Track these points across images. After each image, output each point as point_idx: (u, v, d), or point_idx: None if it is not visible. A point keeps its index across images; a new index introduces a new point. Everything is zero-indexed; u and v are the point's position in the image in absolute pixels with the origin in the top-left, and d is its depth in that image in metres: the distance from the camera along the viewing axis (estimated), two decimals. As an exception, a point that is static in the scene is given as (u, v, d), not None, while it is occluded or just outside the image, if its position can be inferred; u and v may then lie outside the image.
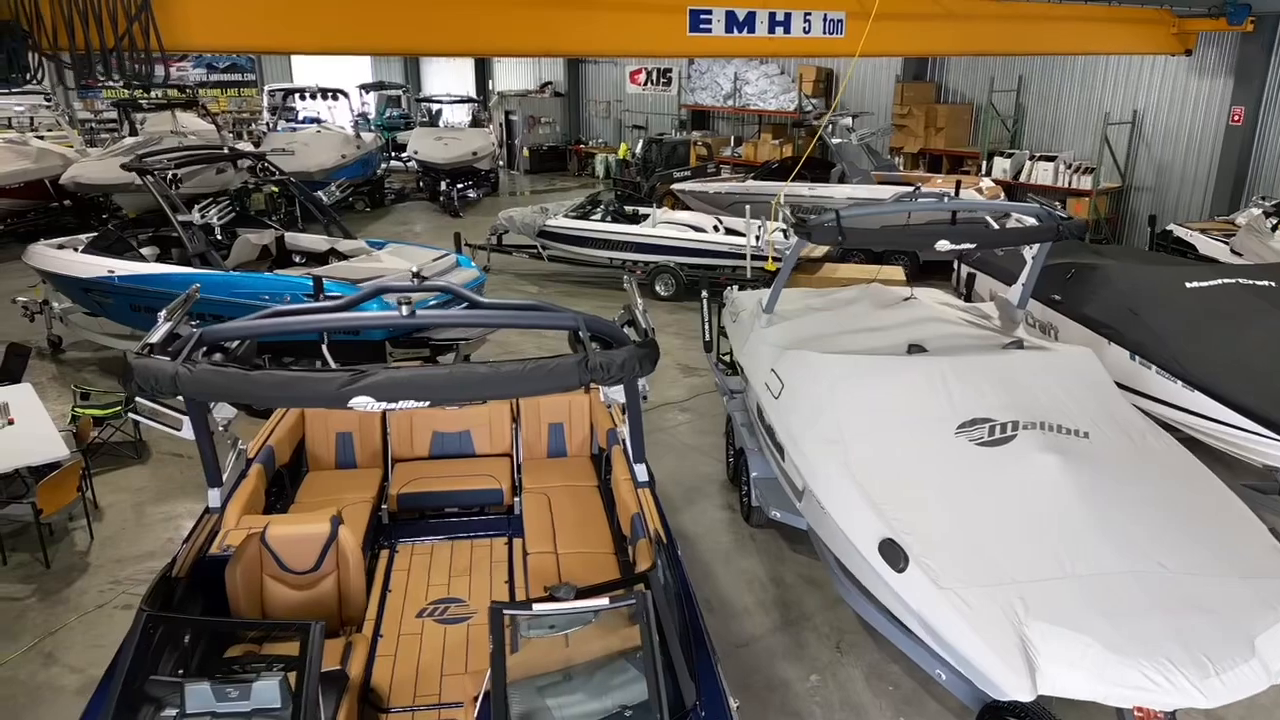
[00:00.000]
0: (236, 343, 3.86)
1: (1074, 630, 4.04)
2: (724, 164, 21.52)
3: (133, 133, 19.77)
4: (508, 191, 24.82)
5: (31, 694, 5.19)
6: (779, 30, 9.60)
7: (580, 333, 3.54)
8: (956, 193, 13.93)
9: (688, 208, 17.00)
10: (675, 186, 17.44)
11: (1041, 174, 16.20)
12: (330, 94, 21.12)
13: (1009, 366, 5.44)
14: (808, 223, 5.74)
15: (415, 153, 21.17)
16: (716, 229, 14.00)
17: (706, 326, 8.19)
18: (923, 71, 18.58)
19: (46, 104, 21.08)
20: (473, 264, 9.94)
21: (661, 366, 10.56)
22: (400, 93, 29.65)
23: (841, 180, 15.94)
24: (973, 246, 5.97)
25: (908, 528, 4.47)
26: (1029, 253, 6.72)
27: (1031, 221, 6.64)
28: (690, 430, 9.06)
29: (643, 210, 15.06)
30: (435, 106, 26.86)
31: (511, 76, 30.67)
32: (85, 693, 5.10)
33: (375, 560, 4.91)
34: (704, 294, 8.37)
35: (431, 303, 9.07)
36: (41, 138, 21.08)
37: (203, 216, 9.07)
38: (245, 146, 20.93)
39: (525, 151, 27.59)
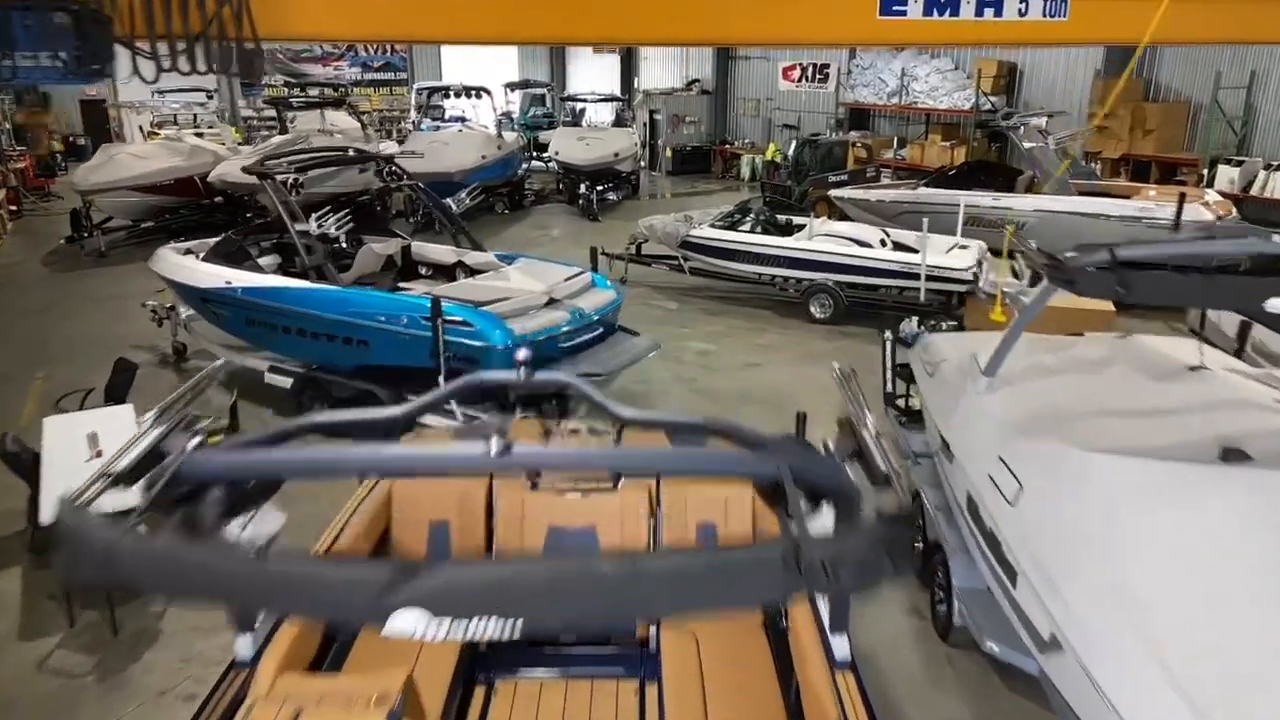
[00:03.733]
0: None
1: None
2: (885, 167, 19.69)
3: (283, 131, 19.85)
4: (648, 194, 23.73)
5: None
6: (988, 12, 7.93)
7: (786, 487, 2.16)
8: (1180, 208, 11.71)
9: (845, 216, 15.35)
10: (834, 193, 15.81)
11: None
12: (474, 92, 20.59)
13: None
14: (1064, 263, 4.11)
15: (556, 153, 20.37)
16: (884, 243, 12.32)
17: (888, 376, 6.67)
18: (1128, 65, 16.14)
19: (200, 103, 21.49)
20: (609, 284, 8.77)
21: (822, 408, 9.02)
22: (545, 91, 29.12)
23: (1030, 189, 13.92)
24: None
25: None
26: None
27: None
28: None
29: (797, 220, 13.55)
30: (579, 105, 26.09)
31: (658, 74, 29.60)
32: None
33: (468, 701, 3.76)
34: (887, 336, 6.87)
35: (580, 338, 7.97)
36: (201, 134, 21.59)
37: (320, 226, 8.29)
38: (390, 145, 20.73)
39: (668, 152, 26.44)
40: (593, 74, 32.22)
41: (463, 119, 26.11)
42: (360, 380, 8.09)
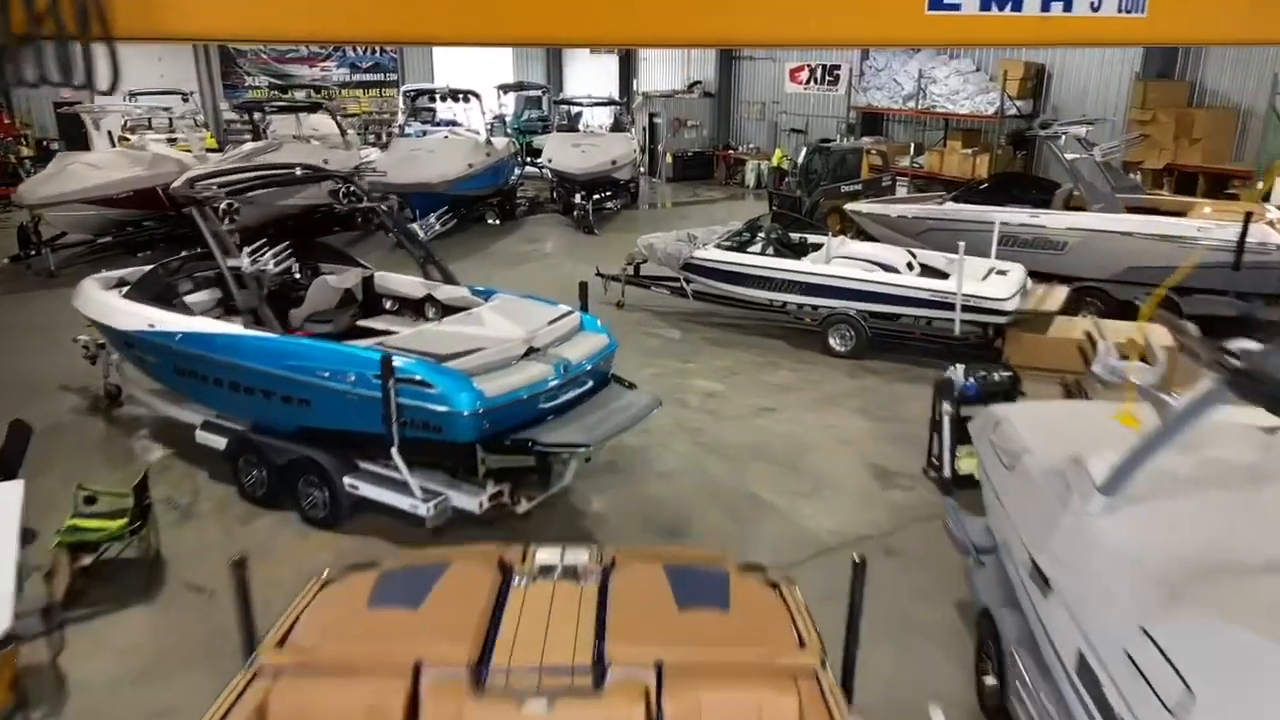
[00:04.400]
0: None
1: None
2: (901, 175, 18.41)
3: (256, 137, 18.55)
4: (647, 202, 22.43)
5: None
6: (1056, 7, 6.62)
7: None
8: (1246, 227, 10.40)
9: (863, 231, 14.03)
10: (850, 208, 14.47)
11: (1345, 201, 12.31)
12: (461, 95, 19.26)
13: None
14: (1250, 365, 2.78)
15: (549, 161, 19.06)
16: (911, 267, 11.02)
17: (949, 458, 5.37)
18: (1170, 67, 14.85)
19: (165, 107, 20.13)
20: (600, 326, 7.44)
21: (848, 467, 7.64)
22: (540, 93, 27.79)
23: (1068, 205, 12.59)
24: None
25: None
26: None
27: None
28: (903, 589, 6.19)
29: (813, 238, 12.23)
30: (575, 109, 24.77)
31: (658, 75, 28.31)
32: None
33: None
34: (944, 409, 5.55)
35: (566, 395, 6.66)
36: (173, 141, 20.31)
37: (254, 262, 6.97)
38: (372, 152, 19.42)
39: (668, 158, 25.15)
40: (590, 75, 30.93)
41: (453, 123, 24.85)
42: (303, 445, 6.78)
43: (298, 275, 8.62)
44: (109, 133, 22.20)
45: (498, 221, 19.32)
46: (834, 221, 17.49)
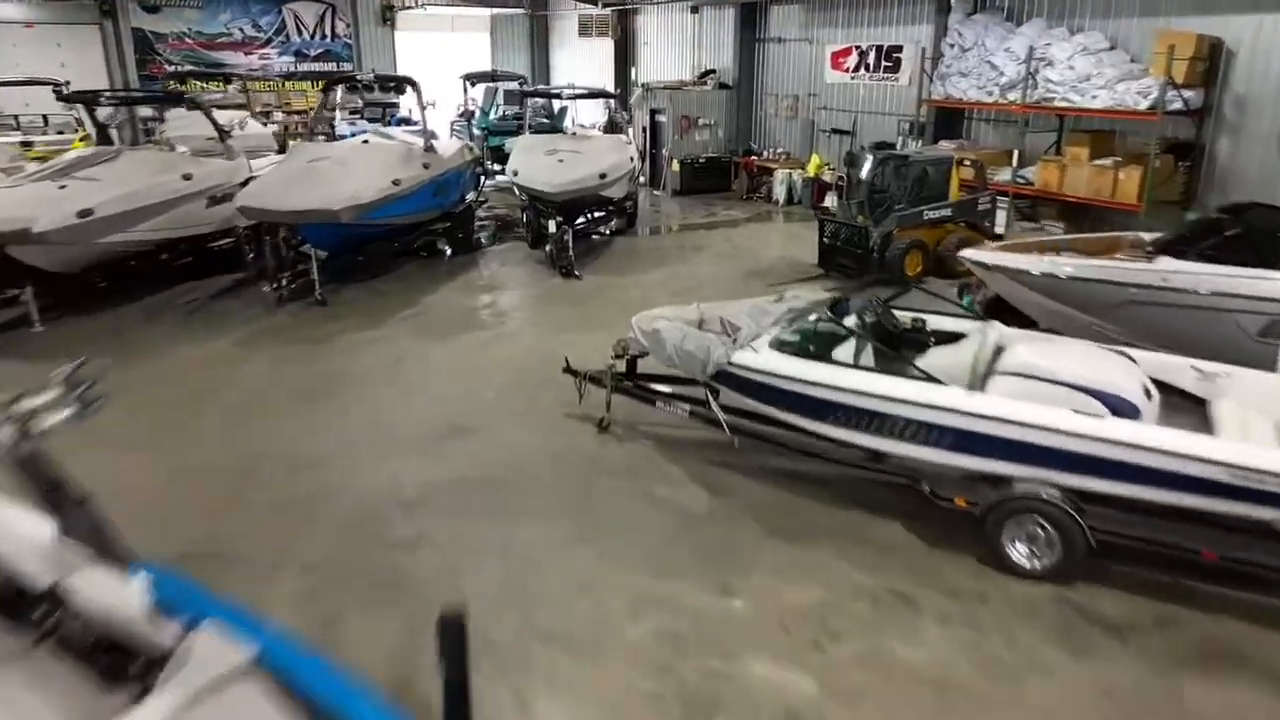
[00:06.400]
0: None
1: None
2: (1001, 195, 13.24)
3: (103, 139, 13.33)
4: (649, 226, 17.24)
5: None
6: None
7: None
8: None
9: (989, 302, 8.84)
10: (969, 255, 9.17)
11: None
12: (393, 84, 13.98)
13: None
14: None
15: (514, 174, 13.79)
16: (1149, 394, 5.79)
17: None
18: None
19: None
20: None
21: None
22: (518, 84, 22.50)
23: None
24: None
25: None
26: None
27: None
28: None
29: (935, 320, 7.02)
30: (557, 103, 19.47)
31: (661, 63, 23.09)
32: None
33: None
34: None
35: None
36: (28, 145, 15.21)
37: None
38: (267, 161, 14.19)
39: (674, 165, 19.94)
40: (581, 65, 25.77)
41: (406, 121, 19.68)
42: None
43: None
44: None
45: (448, 254, 14.19)
46: (913, 263, 12.35)
